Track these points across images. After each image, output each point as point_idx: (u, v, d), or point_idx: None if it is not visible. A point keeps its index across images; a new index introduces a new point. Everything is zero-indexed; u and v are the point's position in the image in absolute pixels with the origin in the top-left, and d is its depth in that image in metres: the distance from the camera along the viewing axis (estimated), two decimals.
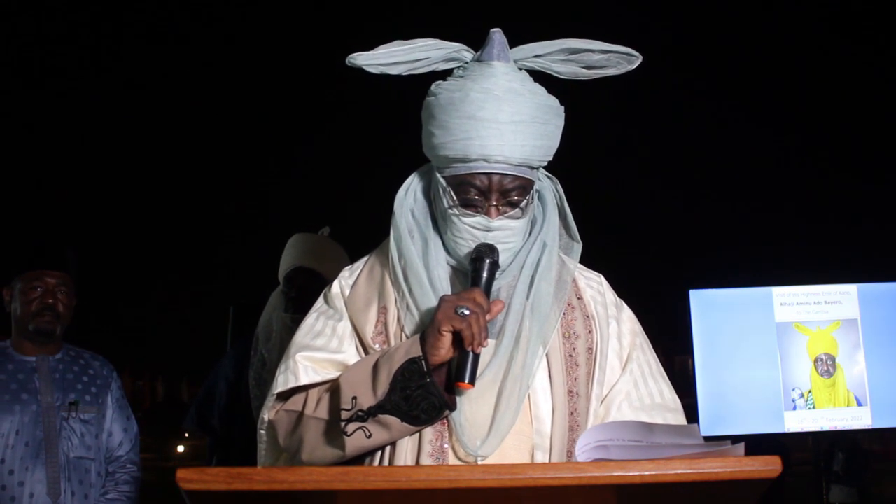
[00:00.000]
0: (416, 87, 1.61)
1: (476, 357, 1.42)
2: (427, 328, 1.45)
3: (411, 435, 1.48)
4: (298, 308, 2.92)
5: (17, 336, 2.83)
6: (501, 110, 1.49)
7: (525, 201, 1.55)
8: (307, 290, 2.95)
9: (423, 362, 1.42)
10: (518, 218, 1.55)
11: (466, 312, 1.40)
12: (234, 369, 3.20)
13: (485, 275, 1.49)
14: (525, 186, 1.54)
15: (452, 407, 1.45)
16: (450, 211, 1.55)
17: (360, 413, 1.43)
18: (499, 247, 1.53)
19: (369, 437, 1.44)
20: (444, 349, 1.42)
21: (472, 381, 1.42)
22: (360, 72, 1.57)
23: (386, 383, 1.43)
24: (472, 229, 1.54)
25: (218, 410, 3.19)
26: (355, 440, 1.44)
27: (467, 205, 1.54)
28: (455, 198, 1.54)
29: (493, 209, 1.53)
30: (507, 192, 1.53)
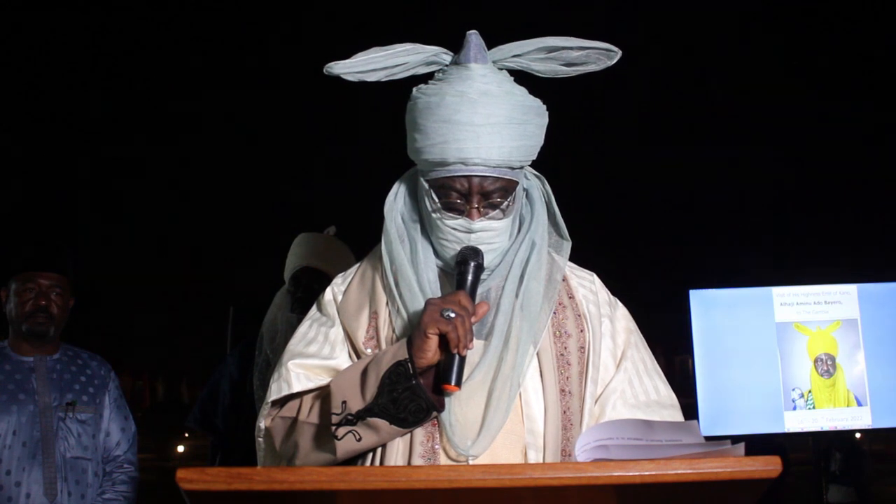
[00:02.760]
0: (410, 88, 1.62)
1: (462, 359, 1.43)
2: (413, 331, 1.46)
3: (401, 437, 1.49)
4: (305, 308, 2.90)
5: (13, 337, 2.83)
6: (476, 113, 1.49)
7: (507, 202, 1.55)
8: (313, 289, 2.94)
9: (410, 365, 1.42)
10: (500, 219, 1.55)
11: (452, 315, 1.41)
12: (238, 369, 3.20)
13: (470, 277, 1.50)
14: (506, 187, 1.55)
15: (440, 409, 1.46)
16: (433, 214, 1.56)
17: (349, 417, 1.44)
18: (483, 248, 1.53)
19: (359, 440, 1.45)
20: (431, 352, 1.43)
21: (459, 383, 1.43)
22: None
23: (374, 387, 1.44)
24: (454, 231, 1.55)
25: (222, 410, 3.18)
26: (346, 444, 1.45)
27: (449, 208, 1.55)
28: (437, 201, 1.55)
29: (474, 211, 1.54)
30: (488, 194, 1.53)
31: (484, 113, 1.50)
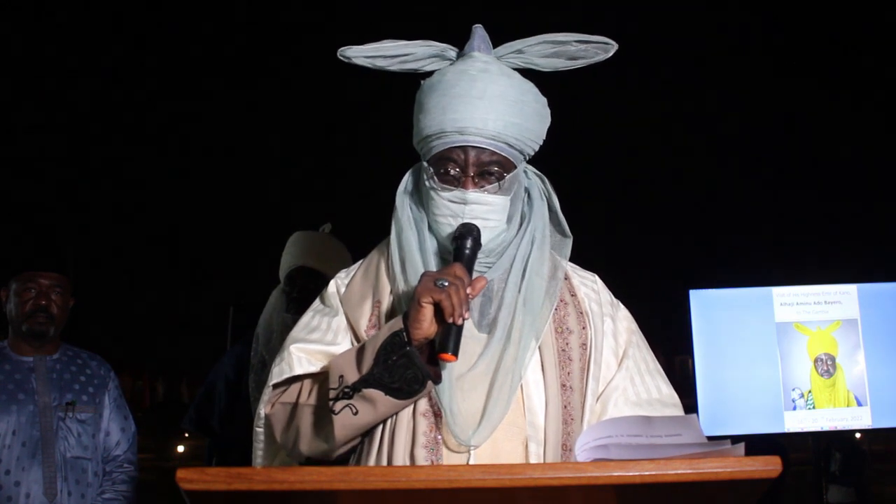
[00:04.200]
0: (417, 85, 1.64)
1: (458, 329, 1.43)
2: (410, 303, 1.47)
3: (399, 410, 1.50)
4: (301, 308, 2.88)
5: (13, 336, 2.83)
6: (474, 87, 1.55)
7: (505, 175, 1.57)
8: (309, 289, 2.92)
9: (405, 334, 1.43)
10: (495, 193, 1.57)
11: (446, 284, 1.42)
12: (233, 370, 3.17)
13: (466, 252, 1.52)
14: (503, 163, 1.57)
15: (436, 379, 1.47)
16: (427, 183, 1.59)
17: (345, 390, 1.45)
18: (478, 223, 1.55)
19: (356, 413, 1.46)
20: (426, 321, 1.43)
21: (455, 353, 1.42)
22: (359, 69, 1.64)
23: (370, 359, 1.45)
24: (449, 203, 1.56)
25: (218, 411, 3.16)
26: (343, 418, 1.46)
27: (444, 179, 1.57)
28: (434, 175, 1.58)
29: (468, 181, 1.56)
30: (484, 165, 1.56)
31: (481, 87, 1.55)
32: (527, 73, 1.64)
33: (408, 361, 1.43)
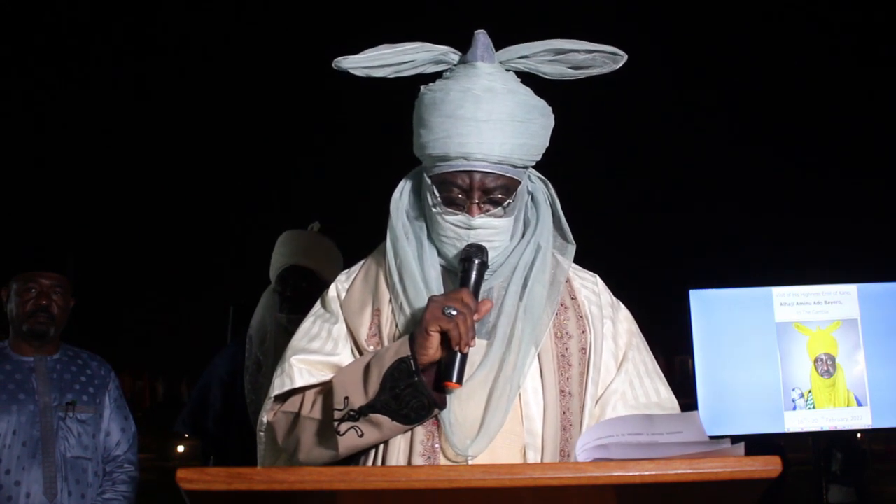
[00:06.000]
0: (417, 87, 1.63)
1: (464, 357, 1.43)
2: (416, 329, 1.46)
3: (403, 433, 1.49)
4: (294, 308, 2.89)
5: (14, 336, 2.83)
6: (480, 109, 1.51)
7: (509, 201, 1.56)
8: (301, 288, 2.91)
9: (412, 362, 1.43)
10: (500, 217, 1.56)
11: (454, 313, 1.41)
12: (227, 372, 3.14)
13: (473, 275, 1.50)
14: (508, 185, 1.55)
15: (441, 406, 1.47)
16: (434, 209, 1.57)
17: (351, 413, 1.45)
18: (483, 245, 1.53)
19: (361, 436, 1.46)
20: (433, 349, 1.43)
21: (460, 381, 1.43)
22: (354, 78, 1.59)
23: (376, 383, 1.44)
24: (454, 227, 1.55)
25: (213, 414, 3.13)
26: (348, 439, 1.46)
27: (450, 202, 1.55)
28: (438, 196, 1.56)
29: (474, 207, 1.54)
30: (490, 191, 1.54)
31: (487, 109, 1.51)
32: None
33: (415, 391, 1.43)
